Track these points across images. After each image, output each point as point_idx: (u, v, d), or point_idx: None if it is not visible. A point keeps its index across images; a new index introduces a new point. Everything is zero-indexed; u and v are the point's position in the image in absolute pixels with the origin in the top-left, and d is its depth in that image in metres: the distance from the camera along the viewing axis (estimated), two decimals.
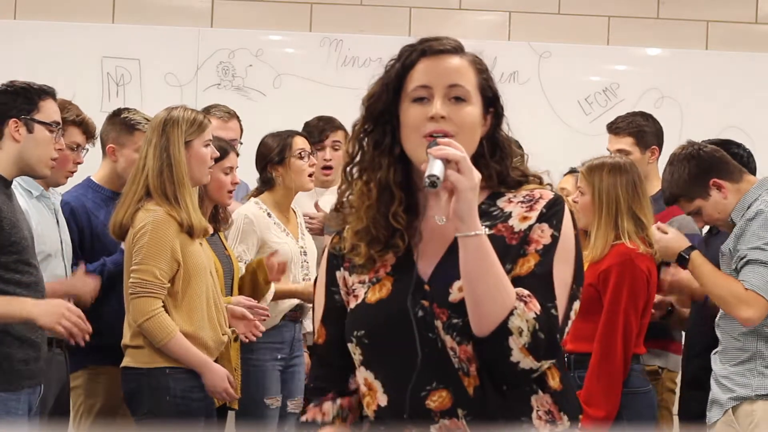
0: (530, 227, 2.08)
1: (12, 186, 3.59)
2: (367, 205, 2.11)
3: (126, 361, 3.84)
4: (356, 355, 2.11)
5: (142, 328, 3.74)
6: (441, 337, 2.03)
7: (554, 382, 2.09)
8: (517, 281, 2.02)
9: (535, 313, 1.98)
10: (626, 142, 4.72)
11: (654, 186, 4.47)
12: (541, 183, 2.19)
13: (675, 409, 4.55)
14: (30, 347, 3.47)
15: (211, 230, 4.04)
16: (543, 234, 2.07)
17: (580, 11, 6.12)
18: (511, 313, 1.97)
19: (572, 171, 4.41)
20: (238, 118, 5.00)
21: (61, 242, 3.96)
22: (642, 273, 3.82)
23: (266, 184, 4.63)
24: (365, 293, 2.11)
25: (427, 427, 2.04)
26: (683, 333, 4.45)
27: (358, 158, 2.15)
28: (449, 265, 2.03)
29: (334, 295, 2.18)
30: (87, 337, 3.50)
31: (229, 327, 4.02)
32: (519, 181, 2.18)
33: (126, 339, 3.84)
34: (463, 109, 2.09)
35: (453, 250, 2.03)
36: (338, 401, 2.17)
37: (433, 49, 2.11)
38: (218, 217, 4.27)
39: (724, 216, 3.81)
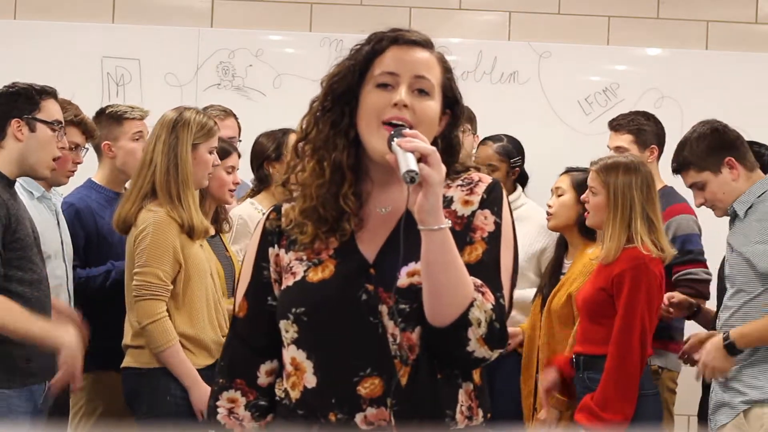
0: (473, 213, 2.09)
1: (15, 186, 3.59)
2: (318, 183, 2.10)
3: (127, 361, 3.84)
4: (290, 332, 2.09)
5: (146, 330, 3.74)
6: (383, 323, 2.03)
7: (477, 376, 2.11)
8: (467, 269, 2.02)
9: (492, 304, 2.00)
10: (625, 140, 4.72)
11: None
12: (477, 171, 2.19)
13: (675, 408, 4.56)
14: (32, 345, 3.47)
15: (212, 231, 4.04)
16: (486, 221, 2.09)
17: (580, 11, 6.12)
18: (471, 305, 1.98)
19: (568, 171, 4.41)
20: (235, 116, 5.00)
21: (62, 243, 3.96)
22: (656, 277, 3.81)
23: (262, 182, 4.64)
24: (305, 272, 2.09)
25: (353, 415, 2.03)
26: (684, 333, 4.46)
27: (312, 135, 2.14)
28: (394, 250, 2.02)
29: (263, 271, 2.17)
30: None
31: None
32: (459, 172, 2.18)
33: (127, 339, 3.84)
34: (425, 102, 2.09)
35: (396, 235, 2.03)
36: (248, 398, 2.17)
37: (404, 39, 2.12)
38: (220, 218, 4.28)
39: (727, 198, 3.76)
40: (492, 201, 2.11)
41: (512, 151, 4.87)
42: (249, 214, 4.54)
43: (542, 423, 4.03)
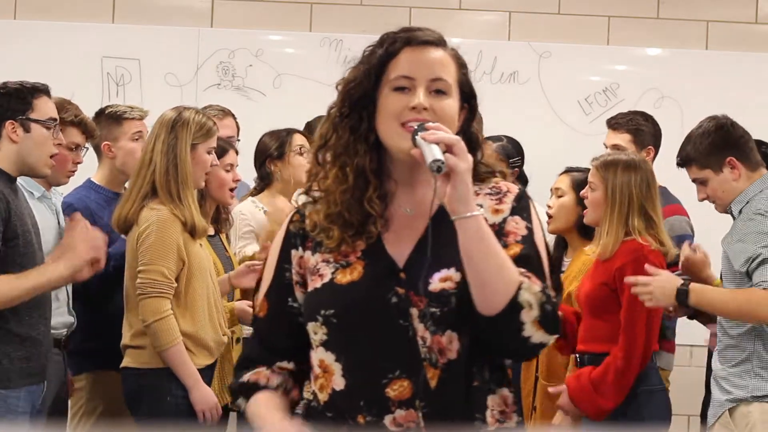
0: (504, 220, 2.10)
1: (17, 182, 3.60)
2: (342, 189, 2.10)
3: (126, 362, 3.84)
4: (318, 334, 2.09)
5: (150, 328, 3.73)
6: (413, 325, 2.03)
7: (508, 382, 2.13)
8: None
9: (540, 287, 2.00)
10: (623, 138, 4.71)
11: None
12: (504, 178, 2.20)
13: (674, 408, 4.55)
14: (31, 345, 3.47)
15: (211, 231, 4.04)
16: (518, 226, 2.09)
17: (580, 11, 6.12)
18: (519, 288, 1.97)
19: (567, 171, 4.41)
20: (233, 115, 4.99)
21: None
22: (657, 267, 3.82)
23: (264, 179, 4.65)
24: (332, 274, 2.09)
25: (382, 417, 2.03)
26: (677, 331, 4.46)
27: (332, 142, 2.14)
28: (423, 253, 2.02)
29: (285, 272, 2.16)
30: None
31: (237, 328, 4.02)
32: (486, 174, 2.18)
33: (126, 339, 3.83)
34: (444, 101, 2.09)
35: (425, 240, 2.03)
36: (280, 375, 2.16)
37: (417, 39, 2.11)
38: (220, 218, 4.28)
39: (726, 197, 3.75)
40: (521, 208, 2.12)
41: (512, 152, 4.87)
42: (250, 211, 4.56)
43: (556, 426, 4.03)
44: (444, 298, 2.02)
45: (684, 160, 3.83)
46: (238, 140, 4.88)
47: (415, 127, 2.02)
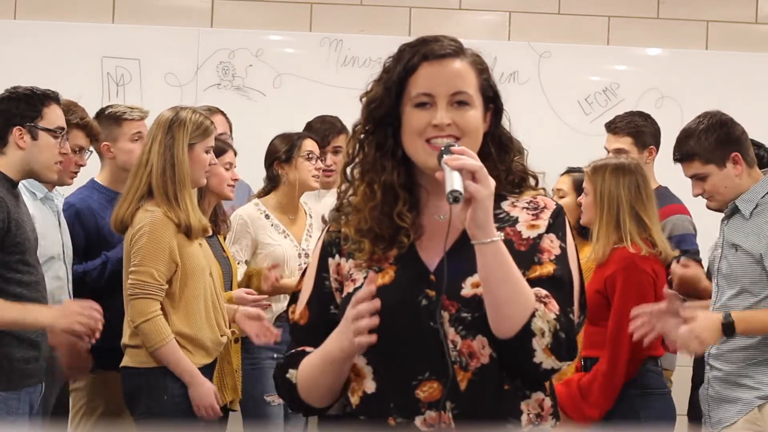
0: (540, 236, 2.11)
1: (18, 186, 3.59)
2: (371, 206, 2.12)
3: (125, 361, 3.84)
4: None
5: (139, 329, 3.74)
6: (444, 329, 2.04)
7: (547, 384, 2.14)
8: (537, 283, 2.05)
9: (555, 314, 2.01)
10: (624, 142, 4.72)
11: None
12: (536, 184, 2.22)
13: (677, 409, 4.54)
14: (30, 347, 3.48)
15: (210, 230, 4.04)
16: (553, 245, 2.11)
17: (580, 11, 6.12)
18: (533, 315, 1.99)
19: (569, 171, 4.41)
20: (223, 113, 4.96)
21: (63, 245, 3.96)
22: (647, 276, 3.82)
23: (271, 182, 4.65)
24: (365, 278, 2.09)
25: (412, 418, 2.04)
26: None
27: (358, 159, 2.15)
28: (457, 258, 2.05)
29: (324, 281, 2.18)
30: (99, 328, 3.50)
31: (237, 327, 4.02)
32: (521, 179, 2.20)
33: (125, 338, 3.84)
34: (467, 113, 2.10)
35: (460, 244, 2.05)
36: None
37: (434, 54, 2.11)
38: (218, 219, 4.29)
39: (728, 192, 3.72)
40: (557, 226, 2.13)
41: None
42: (250, 214, 4.56)
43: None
44: (475, 303, 2.03)
45: (685, 155, 3.79)
46: (231, 137, 4.87)
47: (442, 149, 2.03)
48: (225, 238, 4.43)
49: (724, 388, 3.68)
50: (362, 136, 2.15)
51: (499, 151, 2.17)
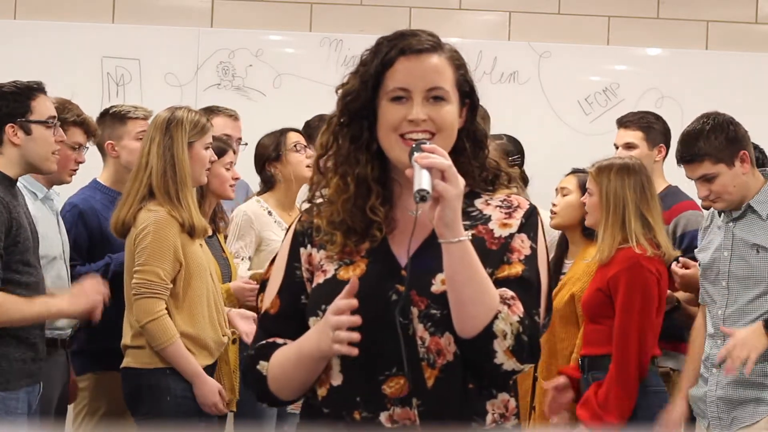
0: (511, 236, 2.10)
1: (17, 186, 3.60)
2: (344, 198, 2.11)
3: (126, 362, 3.84)
4: None
5: (145, 329, 3.74)
6: (413, 325, 2.04)
7: (515, 386, 2.14)
8: (505, 283, 2.04)
9: (519, 317, 2.01)
10: (635, 136, 4.69)
11: (659, 184, 4.46)
12: (509, 181, 2.20)
13: None
14: (27, 347, 3.47)
15: (210, 231, 4.04)
16: (523, 245, 2.10)
17: (580, 11, 6.12)
18: (495, 317, 1.99)
19: (574, 171, 4.41)
20: (232, 115, 4.99)
21: (62, 244, 3.96)
22: (652, 275, 3.82)
23: (267, 183, 4.65)
24: (335, 270, 2.10)
25: (377, 414, 2.04)
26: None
27: (332, 151, 2.14)
28: (428, 254, 2.04)
29: (296, 271, 2.16)
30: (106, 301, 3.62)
31: (231, 327, 4.02)
32: (495, 176, 2.19)
33: (126, 339, 3.83)
34: (443, 109, 2.09)
35: (431, 240, 2.04)
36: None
37: (412, 48, 2.10)
38: (217, 218, 4.29)
39: (737, 192, 3.68)
40: (529, 226, 2.13)
41: (511, 150, 4.87)
42: (254, 211, 4.55)
43: (554, 425, 4.04)
44: (445, 300, 2.02)
45: (695, 155, 3.73)
46: (245, 144, 4.87)
47: (413, 146, 2.02)
48: (225, 238, 4.43)
49: (739, 388, 3.63)
50: (337, 128, 2.14)
51: (474, 147, 2.16)
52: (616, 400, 3.76)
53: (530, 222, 2.13)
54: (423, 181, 1.95)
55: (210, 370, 3.87)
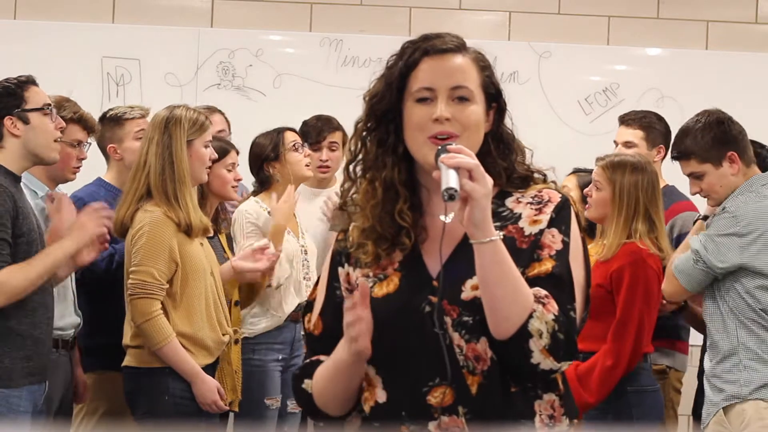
0: (541, 232, 2.08)
1: (21, 182, 3.60)
2: (373, 204, 2.11)
3: (127, 361, 3.84)
4: None
5: (141, 329, 3.74)
6: (449, 334, 2.03)
7: (560, 383, 2.11)
8: (536, 281, 2.03)
9: (554, 315, 1.99)
10: (635, 135, 4.70)
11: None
12: (545, 180, 2.20)
13: (680, 409, 4.55)
14: (33, 344, 3.48)
15: (211, 231, 4.04)
16: (554, 239, 2.08)
17: (580, 11, 6.12)
18: (530, 316, 1.98)
19: (575, 171, 4.41)
20: (221, 112, 4.96)
21: None
22: (654, 272, 3.83)
23: (264, 183, 4.62)
24: (371, 287, 2.10)
25: (425, 424, 2.04)
26: (690, 332, 4.45)
27: (360, 156, 2.15)
28: (459, 262, 2.04)
29: (336, 291, 2.18)
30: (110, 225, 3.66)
31: (238, 327, 4.02)
32: (525, 177, 2.18)
33: (127, 339, 3.84)
34: (467, 109, 2.09)
35: (462, 247, 2.04)
36: None
37: (436, 48, 2.10)
38: (219, 218, 4.28)
39: (724, 191, 3.74)
40: (560, 220, 2.10)
41: None
42: (255, 210, 4.52)
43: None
44: (476, 306, 2.02)
45: (682, 153, 3.80)
46: (230, 135, 4.86)
47: (438, 148, 2.02)
48: (227, 237, 4.43)
49: (707, 388, 3.70)
50: (364, 133, 2.14)
51: (502, 150, 2.16)
52: (599, 383, 3.76)
53: (561, 215, 2.11)
54: (451, 180, 1.94)
55: (211, 369, 3.87)
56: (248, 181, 4.94)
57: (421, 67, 2.09)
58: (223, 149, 4.20)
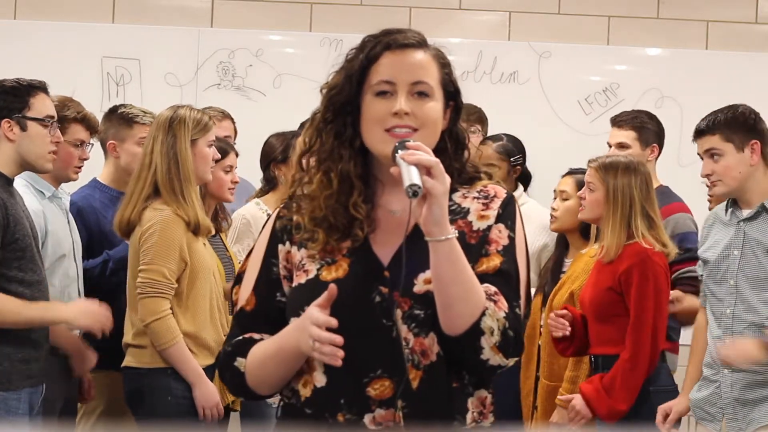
0: (489, 227, 2.10)
1: (15, 184, 3.58)
2: (327, 194, 2.11)
3: (127, 361, 3.84)
4: None
5: (149, 328, 3.74)
6: (397, 326, 2.03)
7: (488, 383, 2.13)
8: (483, 278, 2.03)
9: (505, 312, 2.01)
10: (628, 136, 4.69)
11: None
12: (490, 179, 2.20)
13: None
14: (30, 347, 3.47)
15: (213, 231, 4.04)
16: (501, 235, 2.10)
17: (580, 11, 6.12)
18: (483, 314, 1.99)
19: (571, 172, 4.41)
20: (231, 119, 4.99)
21: (73, 242, 3.96)
22: (661, 269, 3.85)
23: (269, 183, 4.64)
24: (318, 270, 2.09)
25: (361, 416, 2.03)
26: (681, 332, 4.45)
27: (316, 147, 2.15)
28: (411, 254, 2.03)
29: (272, 267, 2.16)
30: (110, 326, 3.63)
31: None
32: (472, 177, 2.19)
33: (128, 338, 3.83)
34: (426, 105, 2.09)
35: (412, 239, 2.03)
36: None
37: (397, 43, 2.11)
38: (219, 217, 4.28)
39: (736, 179, 3.65)
40: (506, 215, 2.12)
41: (512, 150, 4.88)
42: (253, 214, 4.54)
43: (555, 424, 4.04)
44: (428, 300, 2.02)
45: (709, 126, 3.69)
46: (235, 143, 4.87)
47: (396, 145, 2.02)
48: (227, 237, 4.43)
49: (756, 388, 3.59)
50: (321, 124, 2.15)
51: (456, 148, 2.16)
52: (622, 389, 3.78)
53: (507, 211, 2.13)
54: (413, 176, 1.94)
55: (211, 369, 3.87)
56: (247, 178, 4.95)
57: (381, 61, 2.10)
58: (223, 150, 4.20)
